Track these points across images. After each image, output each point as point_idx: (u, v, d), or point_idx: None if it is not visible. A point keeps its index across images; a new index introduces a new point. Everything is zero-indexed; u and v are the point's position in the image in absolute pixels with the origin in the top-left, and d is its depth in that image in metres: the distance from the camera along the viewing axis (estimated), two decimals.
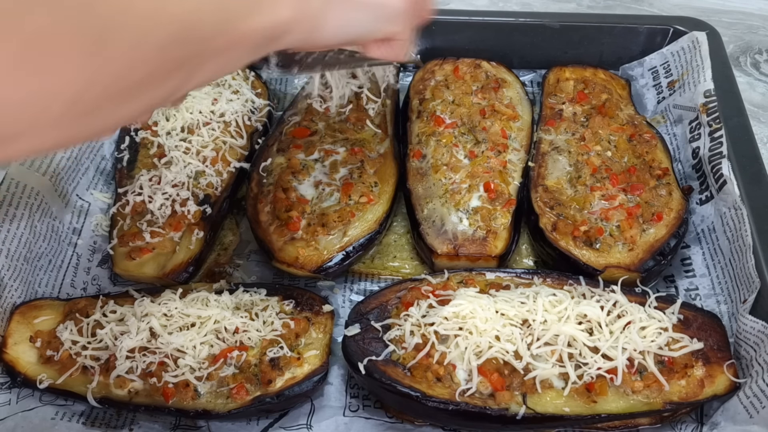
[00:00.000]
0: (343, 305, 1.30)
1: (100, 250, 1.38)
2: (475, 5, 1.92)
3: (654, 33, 1.57)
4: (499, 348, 1.05)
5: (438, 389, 1.05)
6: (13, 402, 1.13)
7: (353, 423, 1.13)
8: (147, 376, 1.08)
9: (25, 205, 1.27)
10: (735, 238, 1.21)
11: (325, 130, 1.43)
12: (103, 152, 1.50)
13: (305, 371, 1.10)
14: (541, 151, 1.41)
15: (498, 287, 1.18)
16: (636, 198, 1.29)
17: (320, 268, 1.25)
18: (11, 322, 1.19)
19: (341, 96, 1.44)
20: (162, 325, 1.11)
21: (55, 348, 1.14)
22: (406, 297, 1.16)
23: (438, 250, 1.27)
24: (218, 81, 1.55)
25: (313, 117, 1.46)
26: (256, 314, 1.16)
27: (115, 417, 1.14)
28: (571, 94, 1.51)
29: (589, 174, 1.33)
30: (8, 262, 1.21)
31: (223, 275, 1.35)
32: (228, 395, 1.08)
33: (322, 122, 1.44)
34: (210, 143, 1.42)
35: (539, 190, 1.34)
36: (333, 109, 1.45)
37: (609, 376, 1.04)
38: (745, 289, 1.15)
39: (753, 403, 1.03)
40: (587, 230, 1.25)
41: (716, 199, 1.28)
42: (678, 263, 1.31)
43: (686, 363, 1.07)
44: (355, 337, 1.13)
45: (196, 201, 1.34)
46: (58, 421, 1.12)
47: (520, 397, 1.04)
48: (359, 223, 1.29)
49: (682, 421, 1.10)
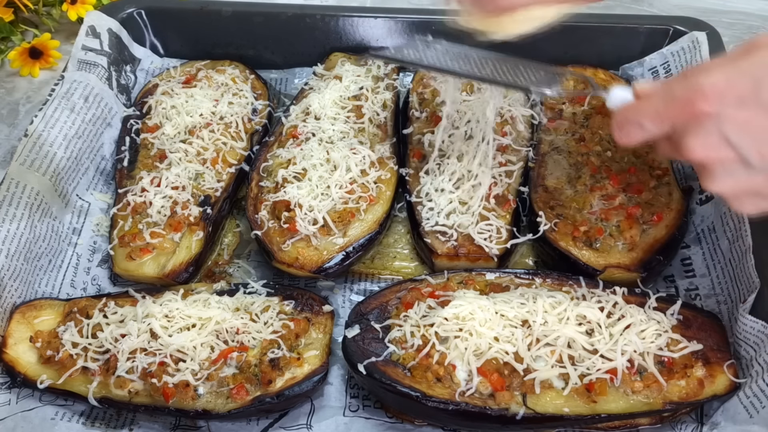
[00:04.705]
0: (343, 305, 1.30)
1: (100, 250, 1.38)
2: None
3: (654, 33, 1.57)
4: (499, 348, 1.05)
5: (438, 389, 1.05)
6: (13, 402, 1.13)
7: (353, 423, 1.13)
8: (147, 377, 1.08)
9: (25, 205, 1.27)
10: (735, 238, 1.21)
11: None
12: (103, 152, 1.50)
13: (305, 371, 1.10)
14: (541, 151, 1.42)
15: (498, 288, 1.18)
16: (636, 198, 1.29)
17: (320, 269, 1.25)
18: (11, 322, 1.19)
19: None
20: (163, 327, 1.11)
21: (55, 348, 1.14)
22: (406, 297, 1.16)
23: (438, 250, 1.27)
24: (219, 83, 1.56)
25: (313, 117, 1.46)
26: (257, 315, 1.16)
27: (115, 417, 1.14)
28: (570, 95, 1.51)
29: (589, 174, 1.33)
30: (8, 262, 1.21)
31: (223, 276, 1.35)
32: (228, 395, 1.08)
33: (323, 122, 1.45)
34: (210, 144, 1.42)
35: (539, 190, 1.34)
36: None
37: (609, 376, 1.04)
38: (745, 289, 1.15)
39: (753, 403, 1.03)
40: (587, 230, 1.25)
41: (716, 199, 1.28)
42: (678, 263, 1.31)
43: (686, 363, 1.07)
44: (355, 337, 1.13)
45: (197, 202, 1.35)
46: (58, 421, 1.12)
47: (520, 397, 1.04)
48: (359, 223, 1.30)
49: (682, 421, 1.10)
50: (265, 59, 1.69)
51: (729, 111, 0.83)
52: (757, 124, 0.82)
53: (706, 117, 0.84)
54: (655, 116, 0.90)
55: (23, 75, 1.74)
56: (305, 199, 1.28)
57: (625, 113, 0.95)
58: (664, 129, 0.90)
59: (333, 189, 1.31)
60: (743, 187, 0.88)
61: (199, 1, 1.67)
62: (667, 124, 0.89)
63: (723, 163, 0.87)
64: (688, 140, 0.87)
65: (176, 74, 1.61)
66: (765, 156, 0.83)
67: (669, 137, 0.91)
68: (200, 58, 1.67)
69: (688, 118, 0.86)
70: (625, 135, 0.95)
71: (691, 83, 0.85)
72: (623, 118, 0.95)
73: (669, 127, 0.89)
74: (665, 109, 0.89)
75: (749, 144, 0.84)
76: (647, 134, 0.92)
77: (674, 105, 0.87)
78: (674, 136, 0.90)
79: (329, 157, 1.35)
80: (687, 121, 0.86)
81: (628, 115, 0.94)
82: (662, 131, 0.91)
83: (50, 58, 1.74)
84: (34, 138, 1.35)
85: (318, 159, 1.35)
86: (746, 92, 0.82)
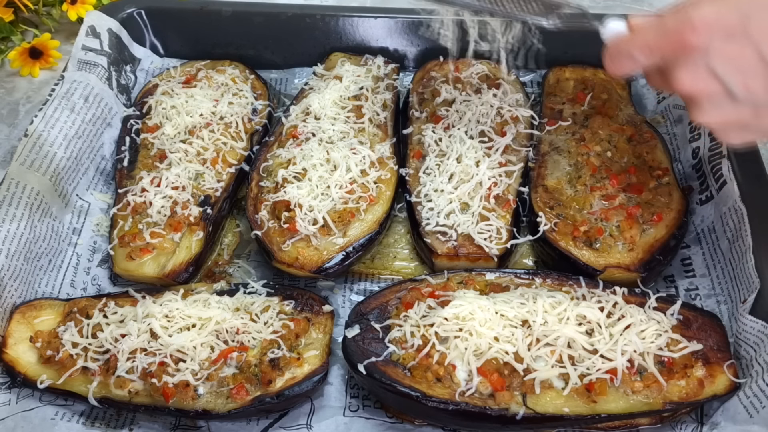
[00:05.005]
0: (343, 305, 1.30)
1: (100, 250, 1.38)
2: None
3: None
4: (499, 348, 1.05)
5: (438, 389, 1.05)
6: (13, 402, 1.13)
7: (353, 423, 1.13)
8: (147, 377, 1.08)
9: (25, 205, 1.27)
10: (735, 238, 1.21)
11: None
12: (103, 152, 1.50)
13: (305, 371, 1.10)
14: (541, 151, 1.42)
15: (498, 288, 1.18)
16: (636, 198, 1.29)
17: (320, 269, 1.25)
18: (11, 322, 1.19)
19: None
20: (163, 327, 1.11)
21: (55, 348, 1.14)
22: (406, 297, 1.16)
23: (438, 250, 1.27)
24: (219, 83, 1.56)
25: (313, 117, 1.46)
26: (257, 315, 1.16)
27: (115, 417, 1.14)
28: (571, 94, 1.51)
29: (589, 174, 1.33)
30: (8, 262, 1.21)
31: (223, 276, 1.35)
32: (228, 395, 1.08)
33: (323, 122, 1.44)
34: (210, 144, 1.42)
35: (539, 190, 1.34)
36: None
37: (609, 376, 1.04)
38: (745, 289, 1.15)
39: (753, 403, 1.03)
40: (587, 230, 1.25)
41: (716, 200, 1.28)
42: (678, 263, 1.31)
43: (686, 363, 1.07)
44: (355, 337, 1.13)
45: (197, 202, 1.35)
46: (58, 421, 1.12)
47: (520, 397, 1.04)
48: (359, 223, 1.30)
49: (682, 421, 1.10)
50: (265, 59, 1.69)
51: (717, 44, 0.84)
52: (743, 58, 0.83)
53: (695, 49, 0.85)
54: (645, 48, 0.91)
55: (23, 75, 1.74)
56: (305, 199, 1.28)
57: (618, 44, 0.97)
58: (653, 60, 0.92)
59: (333, 189, 1.31)
60: (730, 119, 0.89)
61: (199, 1, 1.67)
62: (656, 56, 0.91)
63: (710, 95, 0.88)
64: (677, 72, 0.88)
65: (176, 74, 1.61)
66: (751, 89, 0.85)
67: (659, 69, 0.93)
68: (200, 58, 1.67)
69: (678, 51, 0.87)
70: (616, 65, 0.97)
71: (682, 16, 0.86)
72: (615, 49, 0.97)
73: (659, 58, 0.91)
74: (656, 41, 0.90)
75: (736, 77, 0.85)
76: (637, 65, 0.94)
77: (665, 37, 0.88)
78: (664, 67, 0.91)
79: (329, 157, 1.35)
80: (676, 53, 0.88)
81: (621, 46, 0.96)
82: (652, 62, 0.92)
83: (50, 58, 1.74)
84: (34, 138, 1.35)
85: (318, 159, 1.35)
86: (734, 26, 0.83)
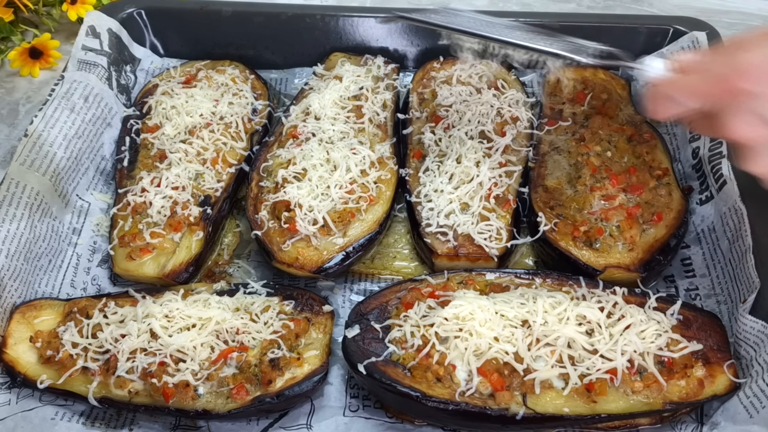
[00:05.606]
0: (343, 305, 1.30)
1: (100, 250, 1.38)
2: (474, 5, 1.92)
3: (654, 33, 1.57)
4: (499, 349, 1.05)
5: (438, 389, 1.05)
6: (13, 402, 1.13)
7: (353, 423, 1.13)
8: (147, 377, 1.08)
9: (25, 205, 1.27)
10: (735, 238, 1.21)
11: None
12: (103, 152, 1.50)
13: (305, 371, 1.10)
14: (541, 152, 1.42)
15: (498, 288, 1.18)
16: (636, 198, 1.29)
17: (320, 269, 1.25)
18: (11, 322, 1.19)
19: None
20: (163, 327, 1.11)
21: (55, 348, 1.14)
22: (406, 297, 1.16)
23: (438, 250, 1.27)
24: (219, 83, 1.56)
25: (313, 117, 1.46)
26: (257, 315, 1.16)
27: (115, 417, 1.14)
28: (571, 94, 1.51)
29: (589, 174, 1.33)
30: (8, 262, 1.21)
31: (223, 276, 1.35)
32: (228, 395, 1.08)
33: (323, 122, 1.44)
34: (210, 145, 1.43)
35: (539, 190, 1.34)
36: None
37: (609, 376, 1.04)
38: (745, 289, 1.15)
39: (753, 403, 1.03)
40: (587, 230, 1.25)
41: (716, 199, 1.28)
42: (678, 263, 1.31)
43: (686, 363, 1.07)
44: (355, 337, 1.13)
45: (197, 202, 1.35)
46: (58, 421, 1.12)
47: (520, 397, 1.04)
48: (359, 223, 1.30)
49: (682, 421, 1.10)
50: (265, 59, 1.70)
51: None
52: None
53: (746, 95, 0.82)
54: (692, 92, 0.88)
55: (23, 75, 1.74)
56: (305, 199, 1.28)
57: (661, 88, 0.93)
58: (699, 105, 0.88)
59: (333, 189, 1.31)
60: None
61: (199, 1, 1.67)
62: (703, 101, 0.88)
63: (763, 143, 0.85)
64: (727, 119, 0.85)
65: (176, 74, 1.61)
66: None
67: (705, 114, 0.89)
68: (200, 58, 1.67)
69: (727, 96, 0.84)
70: (660, 109, 0.93)
71: (729, 60, 0.83)
72: (659, 92, 0.93)
73: (705, 103, 0.88)
74: (703, 86, 0.87)
75: None
76: (682, 109, 0.91)
77: (713, 82, 0.85)
78: (712, 113, 0.88)
79: (329, 157, 1.35)
80: (726, 99, 0.84)
81: (665, 89, 0.92)
82: (698, 107, 0.89)
83: (50, 58, 1.74)
84: (34, 138, 1.35)
85: (318, 159, 1.35)
86: None
